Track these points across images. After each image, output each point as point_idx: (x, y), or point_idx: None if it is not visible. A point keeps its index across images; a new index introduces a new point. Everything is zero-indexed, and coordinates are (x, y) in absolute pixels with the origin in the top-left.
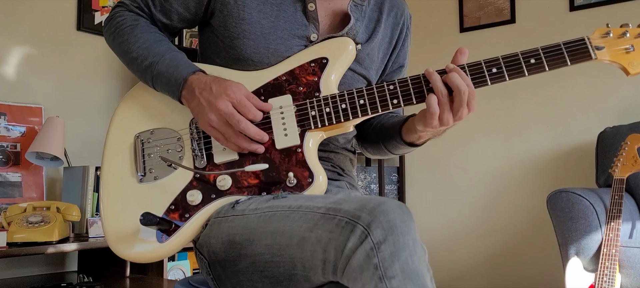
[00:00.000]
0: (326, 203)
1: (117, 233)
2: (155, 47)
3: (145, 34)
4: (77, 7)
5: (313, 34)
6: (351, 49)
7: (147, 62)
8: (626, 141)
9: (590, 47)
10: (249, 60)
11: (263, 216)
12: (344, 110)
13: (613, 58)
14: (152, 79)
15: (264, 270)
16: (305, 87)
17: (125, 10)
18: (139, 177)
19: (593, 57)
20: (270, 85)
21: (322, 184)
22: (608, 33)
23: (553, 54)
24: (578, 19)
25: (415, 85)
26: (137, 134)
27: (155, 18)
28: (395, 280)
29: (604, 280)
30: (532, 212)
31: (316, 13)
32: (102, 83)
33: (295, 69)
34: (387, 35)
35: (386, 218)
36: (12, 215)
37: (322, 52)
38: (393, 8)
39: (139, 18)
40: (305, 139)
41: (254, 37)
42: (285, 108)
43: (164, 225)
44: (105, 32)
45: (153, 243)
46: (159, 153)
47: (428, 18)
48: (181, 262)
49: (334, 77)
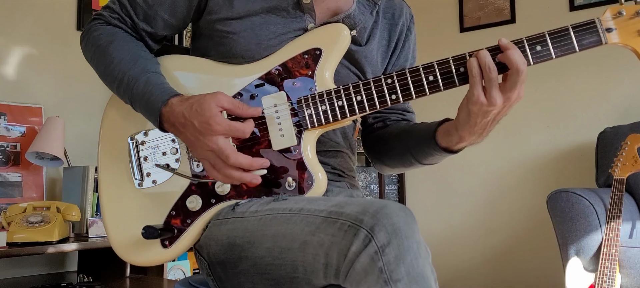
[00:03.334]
0: (328, 206)
1: (123, 241)
2: (130, 69)
3: (120, 52)
4: (77, 7)
5: (310, 24)
6: (345, 34)
7: (123, 87)
8: (626, 141)
9: (601, 29)
10: (239, 56)
11: (264, 219)
12: (341, 107)
13: (624, 40)
14: (132, 105)
15: (264, 272)
16: (299, 82)
17: (102, 23)
18: (136, 181)
19: (603, 41)
20: (263, 79)
21: (322, 182)
22: (620, 12)
23: (561, 39)
24: (578, 19)
25: (414, 76)
26: (130, 136)
27: (138, 27)
28: (401, 283)
29: (604, 280)
30: (532, 212)
31: (312, 4)
32: (102, 83)
33: (287, 61)
34: (384, 37)
35: (389, 221)
36: (12, 215)
37: (315, 41)
38: (389, 9)
39: (116, 32)
40: (302, 139)
41: (244, 34)
42: (279, 107)
43: (166, 234)
44: (81, 47)
45: (158, 250)
46: (155, 160)
47: (428, 18)
48: (181, 262)
49: (328, 72)
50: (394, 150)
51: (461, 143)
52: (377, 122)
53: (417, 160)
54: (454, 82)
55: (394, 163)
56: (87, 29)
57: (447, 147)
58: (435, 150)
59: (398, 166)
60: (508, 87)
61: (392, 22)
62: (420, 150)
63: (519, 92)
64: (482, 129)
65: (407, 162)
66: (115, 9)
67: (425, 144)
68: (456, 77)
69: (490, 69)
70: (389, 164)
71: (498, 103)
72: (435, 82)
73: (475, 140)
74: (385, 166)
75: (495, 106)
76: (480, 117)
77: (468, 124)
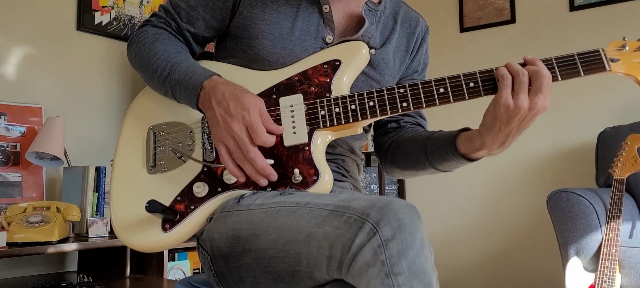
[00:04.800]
0: (335, 201)
1: (123, 220)
2: (173, 57)
3: (165, 46)
4: (77, 7)
5: (329, 36)
6: (365, 52)
7: (166, 72)
8: (626, 141)
9: (605, 59)
10: (265, 60)
11: (270, 211)
12: (353, 111)
13: (628, 71)
14: (172, 89)
15: (267, 265)
16: (316, 88)
17: (149, 26)
18: (149, 167)
19: (607, 69)
20: (283, 84)
21: (328, 183)
22: (624, 46)
23: (566, 65)
24: (578, 19)
25: (426, 88)
26: (150, 126)
27: (182, 29)
28: (402, 277)
29: (604, 280)
30: (532, 212)
31: (331, 15)
32: (102, 83)
33: (308, 69)
34: (402, 43)
35: (395, 216)
36: (12, 215)
37: (336, 54)
38: (407, 19)
39: (162, 32)
40: (313, 138)
41: (272, 38)
42: (295, 106)
43: (169, 214)
44: (128, 52)
45: (157, 233)
46: (170, 146)
47: (428, 18)
48: (181, 262)
49: (345, 79)
50: (410, 152)
51: (482, 149)
52: (391, 122)
53: (431, 165)
54: (464, 95)
55: (406, 165)
56: (135, 33)
57: (466, 153)
58: (453, 155)
59: (410, 169)
60: (534, 91)
61: (410, 30)
62: (437, 154)
63: (545, 99)
64: (505, 137)
65: (420, 166)
66: (160, 15)
67: (444, 149)
68: (466, 91)
69: (522, 73)
70: (400, 166)
71: (524, 106)
72: (445, 94)
73: (497, 149)
74: (396, 168)
75: (520, 109)
76: (505, 123)
77: (492, 129)
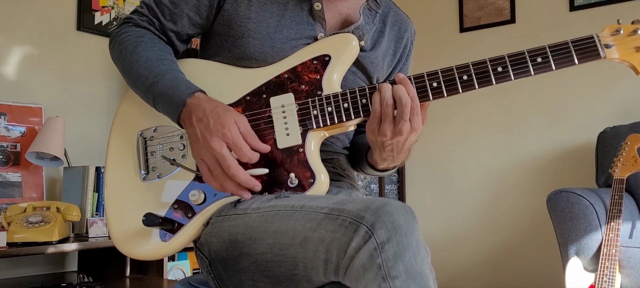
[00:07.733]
0: (329, 203)
1: (122, 232)
2: (156, 67)
3: (148, 52)
4: (77, 7)
5: (320, 33)
6: (354, 44)
7: (148, 83)
8: (626, 141)
9: (599, 45)
10: (252, 58)
11: (265, 215)
12: (346, 109)
13: (622, 56)
14: (154, 100)
15: (265, 269)
16: (307, 85)
17: (131, 25)
18: (142, 175)
19: (602, 56)
20: (273, 82)
21: (324, 184)
22: (618, 30)
23: (560, 53)
24: (578, 19)
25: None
26: (140, 132)
27: (165, 28)
28: (399, 280)
29: (604, 280)
30: (532, 212)
31: (322, 12)
32: (102, 83)
33: (297, 66)
34: (391, 47)
35: (390, 218)
36: (12, 215)
37: (325, 48)
38: (397, 22)
39: (144, 33)
40: (307, 139)
41: (259, 36)
42: (287, 107)
43: (167, 225)
44: (110, 49)
45: (157, 242)
46: (161, 152)
47: (428, 18)
48: (181, 262)
49: (336, 76)
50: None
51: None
52: None
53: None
54: (457, 89)
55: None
56: (116, 32)
57: (373, 165)
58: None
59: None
60: (398, 118)
61: (398, 35)
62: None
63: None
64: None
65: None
66: (143, 13)
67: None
68: (460, 84)
69: (386, 103)
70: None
71: (388, 136)
72: (438, 88)
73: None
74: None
75: (386, 138)
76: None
77: (375, 152)
